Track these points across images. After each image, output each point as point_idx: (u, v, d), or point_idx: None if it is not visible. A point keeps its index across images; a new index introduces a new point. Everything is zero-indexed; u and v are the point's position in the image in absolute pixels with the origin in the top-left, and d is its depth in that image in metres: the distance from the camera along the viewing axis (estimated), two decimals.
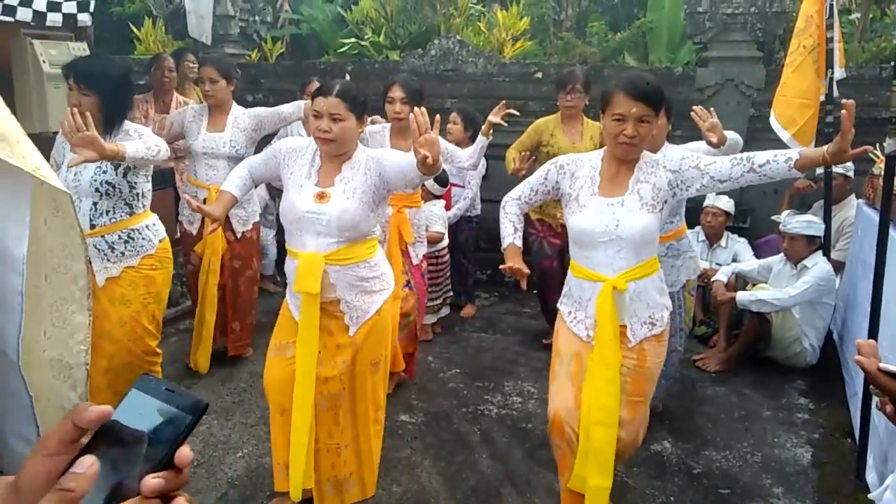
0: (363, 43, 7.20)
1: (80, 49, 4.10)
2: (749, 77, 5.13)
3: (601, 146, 2.77)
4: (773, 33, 5.21)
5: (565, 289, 2.55)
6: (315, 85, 4.55)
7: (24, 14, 3.44)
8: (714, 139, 2.90)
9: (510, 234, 2.56)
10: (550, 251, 4.40)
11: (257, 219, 4.10)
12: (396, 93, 3.50)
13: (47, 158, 2.62)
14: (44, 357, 1.49)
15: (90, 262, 1.54)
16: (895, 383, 1.39)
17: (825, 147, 2.13)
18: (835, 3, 4.07)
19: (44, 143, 2.76)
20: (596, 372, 2.36)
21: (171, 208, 4.62)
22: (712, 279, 4.38)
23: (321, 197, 2.49)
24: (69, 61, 3.05)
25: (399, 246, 3.65)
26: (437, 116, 2.38)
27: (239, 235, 3.98)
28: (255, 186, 3.00)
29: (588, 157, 2.46)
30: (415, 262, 3.73)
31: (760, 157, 2.21)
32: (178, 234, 4.14)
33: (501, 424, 3.49)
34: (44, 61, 4.07)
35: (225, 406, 3.60)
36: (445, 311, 4.71)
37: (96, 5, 4.09)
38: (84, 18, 3.76)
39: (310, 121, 2.58)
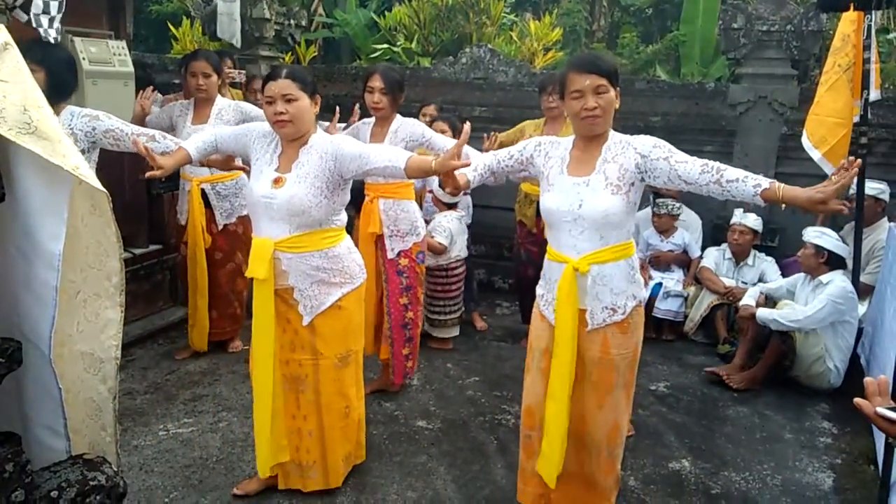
0: (395, 49, 7.27)
1: (120, 47, 4.19)
2: (782, 95, 5.08)
3: None
4: (809, 51, 5.15)
5: (543, 271, 2.54)
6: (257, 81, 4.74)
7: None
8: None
9: (473, 166, 2.47)
10: (526, 258, 4.42)
11: (243, 213, 4.11)
12: (376, 83, 3.47)
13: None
14: (75, 350, 1.54)
15: (123, 261, 1.58)
16: (894, 427, 1.37)
17: (807, 189, 2.04)
18: (873, 22, 4.01)
19: None
20: (556, 357, 2.39)
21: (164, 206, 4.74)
22: (741, 302, 4.33)
23: (277, 182, 2.53)
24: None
25: (372, 237, 3.61)
26: (467, 125, 2.38)
27: (221, 227, 4.08)
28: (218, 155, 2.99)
29: (564, 140, 2.49)
30: (389, 256, 3.62)
31: (731, 172, 2.16)
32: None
33: (518, 435, 3.46)
34: (84, 58, 4.16)
35: (245, 404, 3.64)
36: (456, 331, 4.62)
37: (135, 4, 4.16)
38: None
39: (265, 110, 2.56)
